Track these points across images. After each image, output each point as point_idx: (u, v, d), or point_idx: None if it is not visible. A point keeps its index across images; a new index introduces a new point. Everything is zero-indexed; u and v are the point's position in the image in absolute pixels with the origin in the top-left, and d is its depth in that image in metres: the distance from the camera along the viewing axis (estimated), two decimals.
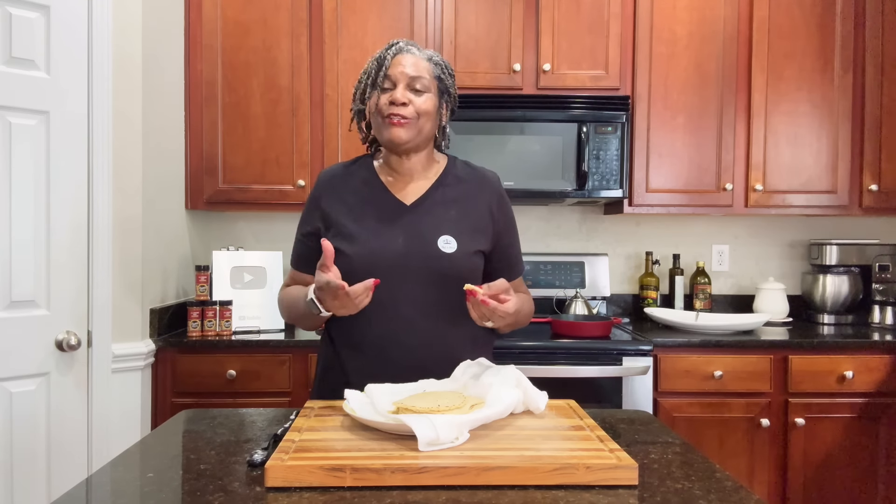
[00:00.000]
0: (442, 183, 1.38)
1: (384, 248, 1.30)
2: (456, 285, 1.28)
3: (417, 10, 2.56)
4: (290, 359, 2.28)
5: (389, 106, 1.29)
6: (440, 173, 1.40)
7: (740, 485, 0.93)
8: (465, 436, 0.99)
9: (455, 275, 1.30)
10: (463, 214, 1.35)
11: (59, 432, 1.96)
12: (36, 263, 1.91)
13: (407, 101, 1.29)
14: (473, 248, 1.33)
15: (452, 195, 1.37)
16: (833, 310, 2.77)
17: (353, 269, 1.28)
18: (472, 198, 1.38)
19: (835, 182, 2.63)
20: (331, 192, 1.39)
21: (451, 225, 1.32)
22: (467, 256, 1.31)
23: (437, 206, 1.35)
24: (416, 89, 1.31)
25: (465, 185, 1.39)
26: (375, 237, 1.31)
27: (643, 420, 1.27)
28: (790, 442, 2.31)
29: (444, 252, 1.29)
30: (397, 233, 1.31)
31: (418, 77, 1.31)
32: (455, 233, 1.32)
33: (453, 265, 1.29)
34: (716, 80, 2.61)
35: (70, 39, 1.97)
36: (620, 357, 2.25)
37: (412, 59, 1.32)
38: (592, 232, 2.99)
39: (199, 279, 2.44)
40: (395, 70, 1.30)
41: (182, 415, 1.29)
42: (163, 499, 0.88)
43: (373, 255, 1.29)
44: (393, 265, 1.29)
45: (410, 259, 1.29)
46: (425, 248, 1.29)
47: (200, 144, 2.56)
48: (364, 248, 1.30)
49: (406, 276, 1.29)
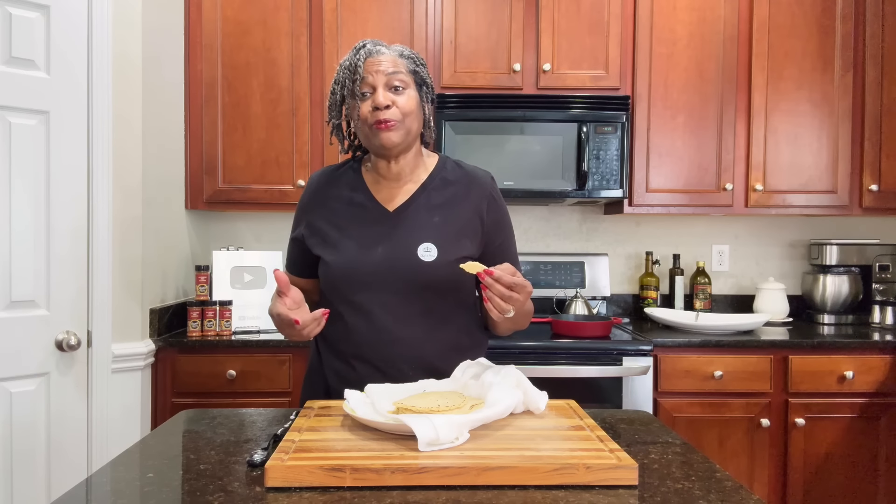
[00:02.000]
0: (428, 186, 1.35)
1: (363, 257, 1.28)
2: (436, 294, 1.27)
3: (417, 10, 2.56)
4: (290, 359, 2.27)
5: (374, 112, 1.25)
6: (427, 176, 1.36)
7: (740, 485, 0.93)
8: (465, 436, 0.99)
9: (435, 284, 1.27)
10: (447, 219, 1.31)
11: (59, 432, 1.96)
12: (36, 263, 1.91)
13: (390, 103, 1.25)
14: (456, 255, 1.29)
15: (438, 199, 1.33)
16: (833, 310, 2.77)
17: (333, 278, 1.28)
18: (459, 201, 1.34)
19: (835, 182, 2.63)
20: (317, 198, 1.38)
21: (434, 231, 1.29)
22: (448, 264, 1.27)
23: (420, 212, 1.31)
24: (395, 87, 1.26)
25: (454, 187, 1.35)
26: (355, 246, 1.29)
27: (643, 420, 1.27)
28: (790, 442, 2.31)
29: (423, 261, 1.26)
30: (377, 241, 1.29)
31: (395, 73, 1.26)
32: (437, 240, 1.28)
33: (433, 274, 1.27)
34: (716, 80, 2.61)
35: (70, 39, 1.97)
36: (620, 357, 2.25)
37: (384, 58, 1.27)
38: (592, 232, 2.99)
39: (199, 279, 2.44)
40: (370, 72, 1.26)
41: (182, 415, 1.29)
42: (163, 499, 0.88)
43: (352, 264, 1.28)
44: (371, 274, 1.27)
45: (389, 268, 1.27)
46: (405, 257, 1.27)
47: (200, 144, 2.56)
48: (343, 257, 1.28)
49: (384, 286, 1.27)
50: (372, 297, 1.28)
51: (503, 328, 1.37)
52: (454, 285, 1.31)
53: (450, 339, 1.33)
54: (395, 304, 1.28)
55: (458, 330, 1.36)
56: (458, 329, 1.36)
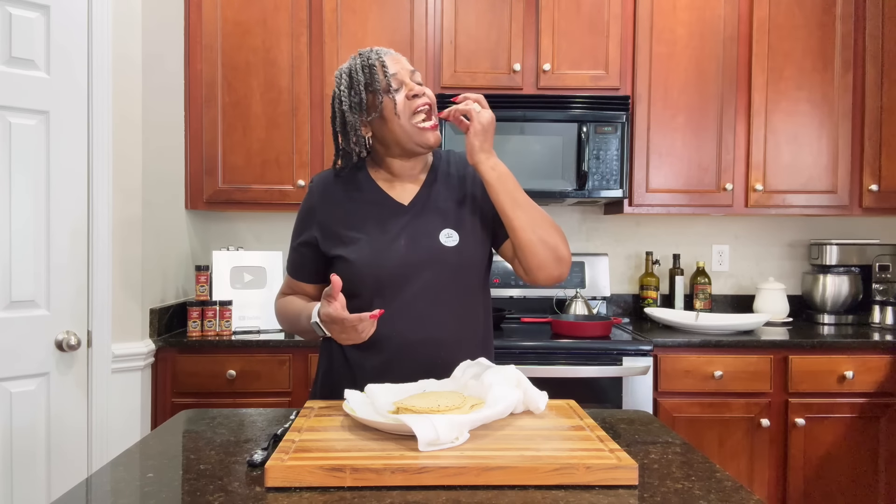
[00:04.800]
0: (433, 179, 1.40)
1: (388, 250, 1.30)
2: (463, 277, 1.32)
3: (417, 10, 2.56)
4: (290, 359, 2.28)
5: (414, 99, 1.29)
6: (429, 170, 1.41)
7: (740, 485, 0.93)
8: (465, 436, 0.99)
9: (461, 266, 1.32)
10: (460, 204, 1.37)
11: (59, 432, 1.96)
12: (36, 263, 1.91)
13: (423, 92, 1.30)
14: (476, 236, 1.35)
15: (445, 188, 1.38)
16: (833, 310, 2.77)
17: (359, 275, 1.29)
18: (461, 185, 1.40)
19: (835, 182, 2.63)
20: (326, 201, 1.38)
21: (452, 218, 1.34)
22: (471, 246, 1.33)
23: (433, 202, 1.36)
24: (418, 83, 1.32)
25: (453, 174, 1.41)
26: (378, 241, 1.31)
27: (643, 420, 1.27)
28: (790, 442, 2.31)
29: (447, 246, 1.31)
30: (398, 234, 1.32)
31: (415, 70, 1.34)
32: (456, 225, 1.33)
33: (458, 257, 1.31)
34: (716, 80, 2.61)
35: (70, 39, 1.98)
36: (620, 357, 2.25)
37: (400, 57, 1.34)
38: (592, 232, 2.99)
39: (199, 279, 2.44)
40: (396, 68, 1.29)
41: (182, 415, 1.29)
42: (163, 499, 0.88)
43: (377, 258, 1.29)
44: (398, 266, 1.29)
45: (415, 257, 1.30)
46: (429, 245, 1.31)
47: (200, 144, 2.56)
48: (367, 253, 1.30)
49: (412, 275, 1.30)
50: (402, 287, 1.30)
51: (529, 244, 1.29)
52: (477, 268, 1.36)
53: (477, 316, 1.38)
54: (426, 291, 1.30)
55: (485, 310, 1.41)
56: (485, 309, 1.41)
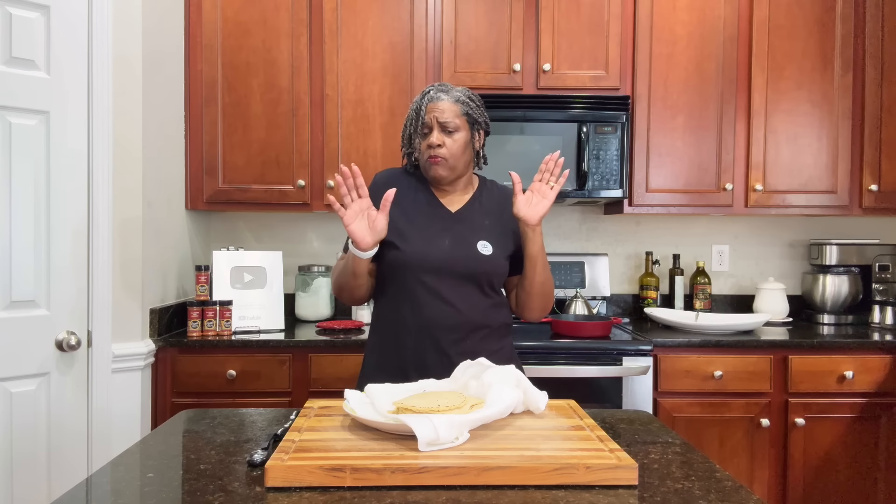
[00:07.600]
0: (478, 198, 1.64)
1: (433, 247, 1.53)
2: (490, 280, 1.55)
3: (417, 11, 2.56)
4: (290, 359, 2.28)
5: (427, 149, 1.56)
6: (475, 190, 1.66)
7: (740, 485, 0.93)
8: (465, 436, 0.99)
9: (489, 273, 1.55)
10: (495, 223, 1.60)
11: (59, 432, 1.96)
12: (36, 263, 1.91)
13: (441, 143, 1.54)
14: (506, 252, 1.58)
15: (487, 207, 1.63)
16: (833, 310, 2.77)
17: (407, 262, 1.52)
18: (500, 210, 1.64)
19: (835, 182, 2.63)
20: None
21: (488, 232, 1.58)
22: (501, 259, 1.57)
23: (476, 216, 1.60)
24: (448, 131, 1.55)
25: (495, 199, 1.67)
26: (426, 237, 1.54)
27: (643, 420, 1.27)
28: (790, 442, 2.31)
29: (482, 254, 1.53)
30: (444, 235, 1.55)
31: (447, 122, 1.55)
32: (491, 238, 1.56)
33: (490, 265, 1.54)
34: (716, 80, 2.61)
35: (70, 39, 1.98)
36: (620, 357, 2.25)
37: (442, 105, 1.56)
38: (592, 232, 2.99)
39: (199, 279, 2.44)
40: (429, 117, 1.56)
41: (182, 415, 1.29)
42: (163, 499, 0.88)
43: (424, 252, 1.52)
44: (440, 262, 1.52)
45: (455, 258, 1.52)
46: (467, 251, 1.53)
47: (200, 144, 2.56)
48: (416, 246, 1.52)
49: (450, 272, 1.52)
50: (440, 279, 1.52)
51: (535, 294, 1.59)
52: (500, 277, 1.60)
53: (499, 311, 1.60)
54: (458, 285, 1.53)
55: (506, 307, 1.64)
56: (505, 306, 1.64)
